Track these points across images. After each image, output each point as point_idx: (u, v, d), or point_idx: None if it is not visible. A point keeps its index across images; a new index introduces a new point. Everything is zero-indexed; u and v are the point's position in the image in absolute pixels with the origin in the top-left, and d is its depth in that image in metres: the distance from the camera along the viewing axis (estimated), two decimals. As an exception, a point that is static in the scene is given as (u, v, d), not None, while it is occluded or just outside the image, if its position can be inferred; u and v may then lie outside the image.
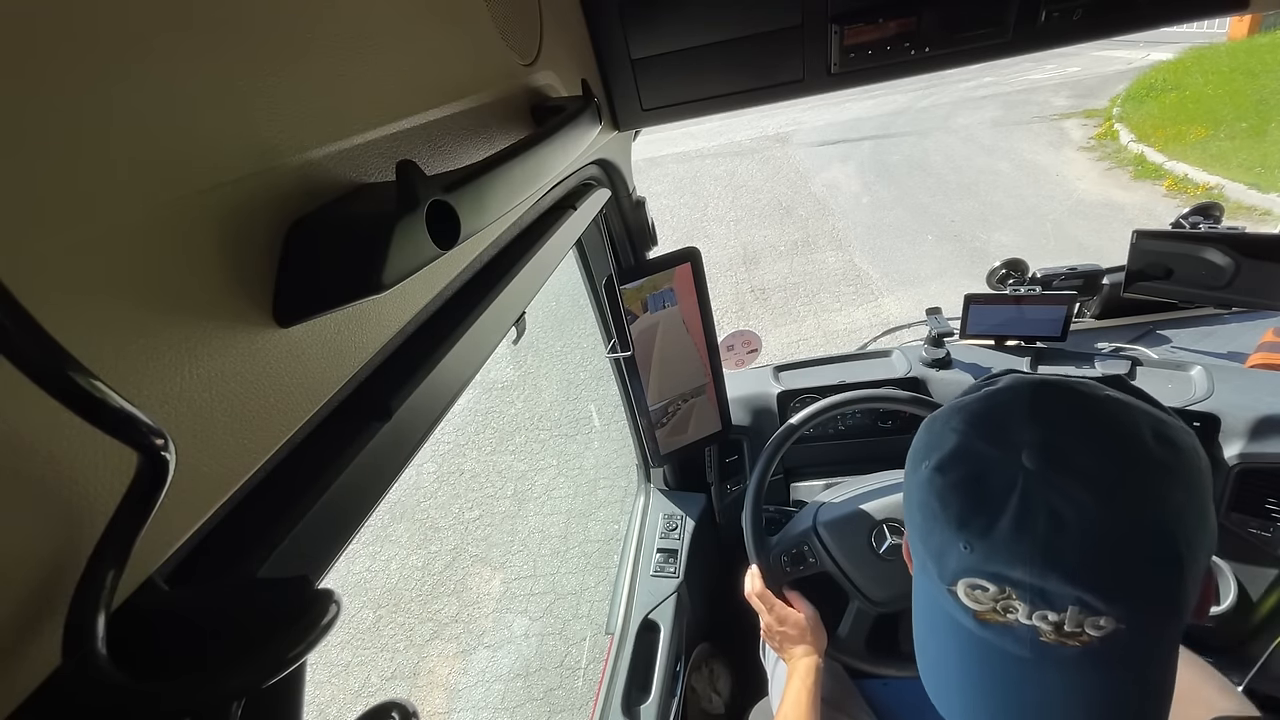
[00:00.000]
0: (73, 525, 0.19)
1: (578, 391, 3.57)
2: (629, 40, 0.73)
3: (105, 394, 0.17)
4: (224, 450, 0.24)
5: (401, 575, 2.68)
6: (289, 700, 0.25)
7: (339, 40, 0.31)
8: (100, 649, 0.18)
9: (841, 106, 9.13)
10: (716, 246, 5.25)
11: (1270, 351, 1.33)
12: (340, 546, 0.31)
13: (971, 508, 0.39)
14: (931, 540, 0.41)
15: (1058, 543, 0.36)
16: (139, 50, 0.21)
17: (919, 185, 5.92)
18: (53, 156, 0.18)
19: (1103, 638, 0.36)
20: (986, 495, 0.38)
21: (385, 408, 0.34)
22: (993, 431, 0.40)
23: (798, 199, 6.06)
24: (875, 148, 7.16)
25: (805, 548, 0.97)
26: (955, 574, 0.39)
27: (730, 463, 1.39)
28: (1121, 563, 0.35)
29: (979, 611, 0.39)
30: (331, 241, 0.27)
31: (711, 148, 8.36)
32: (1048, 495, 0.37)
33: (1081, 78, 8.77)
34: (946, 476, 0.41)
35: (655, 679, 1.08)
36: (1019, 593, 0.37)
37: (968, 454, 0.41)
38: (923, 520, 0.42)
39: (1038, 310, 1.34)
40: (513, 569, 2.69)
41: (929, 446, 0.44)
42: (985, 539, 0.37)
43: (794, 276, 4.61)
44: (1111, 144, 6.32)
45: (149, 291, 0.21)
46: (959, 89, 9.04)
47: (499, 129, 0.46)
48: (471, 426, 3.37)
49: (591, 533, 2.77)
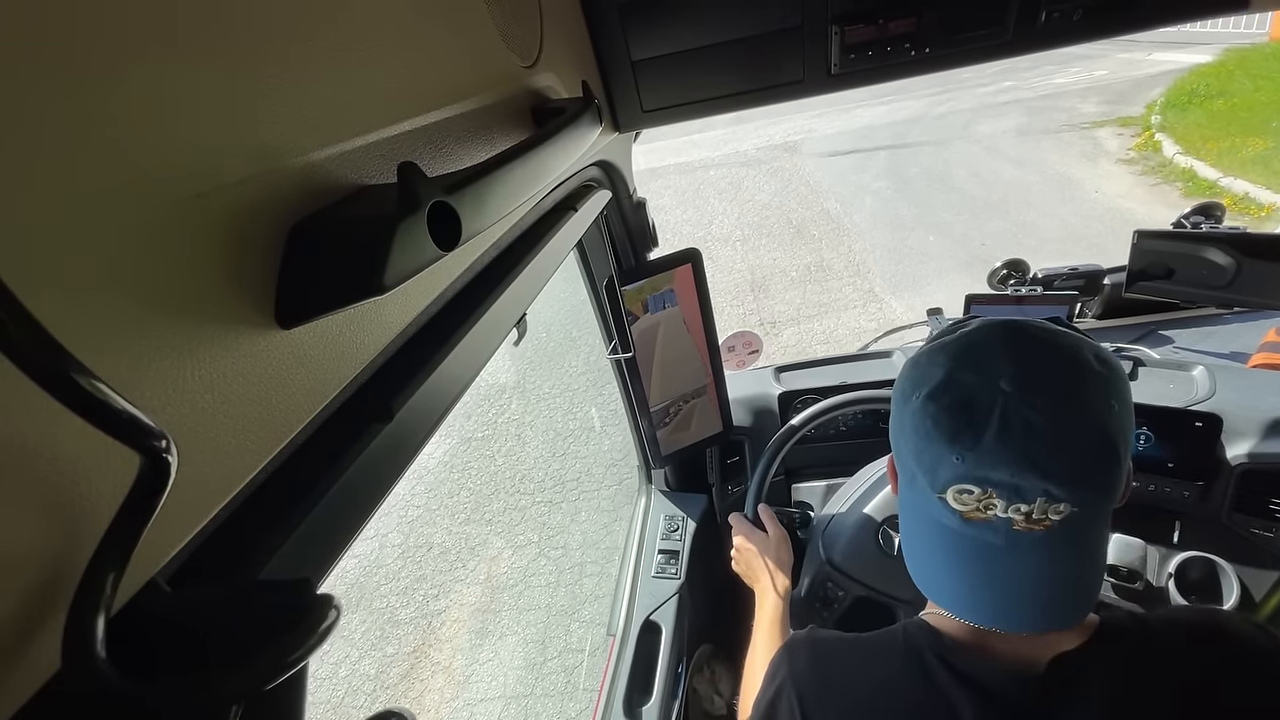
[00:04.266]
0: (74, 527, 0.19)
1: (565, 445, 3.08)
2: (629, 42, 0.73)
3: (107, 395, 0.16)
4: (226, 452, 0.24)
5: (350, 688, 2.17)
6: (289, 704, 0.25)
7: (340, 42, 0.31)
8: (100, 652, 0.17)
9: (852, 113, 8.38)
10: (722, 271, 4.73)
11: (1272, 351, 1.33)
12: (342, 548, 0.31)
13: (962, 426, 0.47)
14: (925, 457, 0.49)
15: (1032, 446, 0.44)
16: (141, 52, 0.21)
17: (942, 201, 5.37)
18: (56, 157, 0.18)
19: (1060, 521, 0.45)
20: (973, 415, 0.46)
21: (387, 409, 0.34)
22: (974, 363, 0.49)
23: (809, 216, 5.53)
24: (892, 159, 6.57)
25: (829, 585, 0.97)
26: (946, 482, 0.47)
27: (732, 464, 1.38)
28: (1079, 456, 0.45)
29: (964, 512, 0.48)
30: (333, 243, 0.27)
31: (716, 157, 7.66)
32: (1022, 410, 0.45)
33: (1110, 82, 8.05)
34: (939, 402, 0.48)
35: (657, 681, 1.08)
36: (999, 491, 0.46)
37: (955, 383, 0.49)
38: (916, 442, 0.50)
39: (1039, 310, 1.34)
40: (479, 685, 2.17)
41: (917, 381, 0.51)
42: (974, 450, 0.46)
43: (808, 308, 4.16)
44: (1154, 156, 5.66)
45: (151, 293, 0.21)
46: (977, 94, 8.25)
47: (500, 131, 0.47)
48: (446, 486, 2.89)
49: (573, 638, 2.27)
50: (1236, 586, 1.02)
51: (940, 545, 0.51)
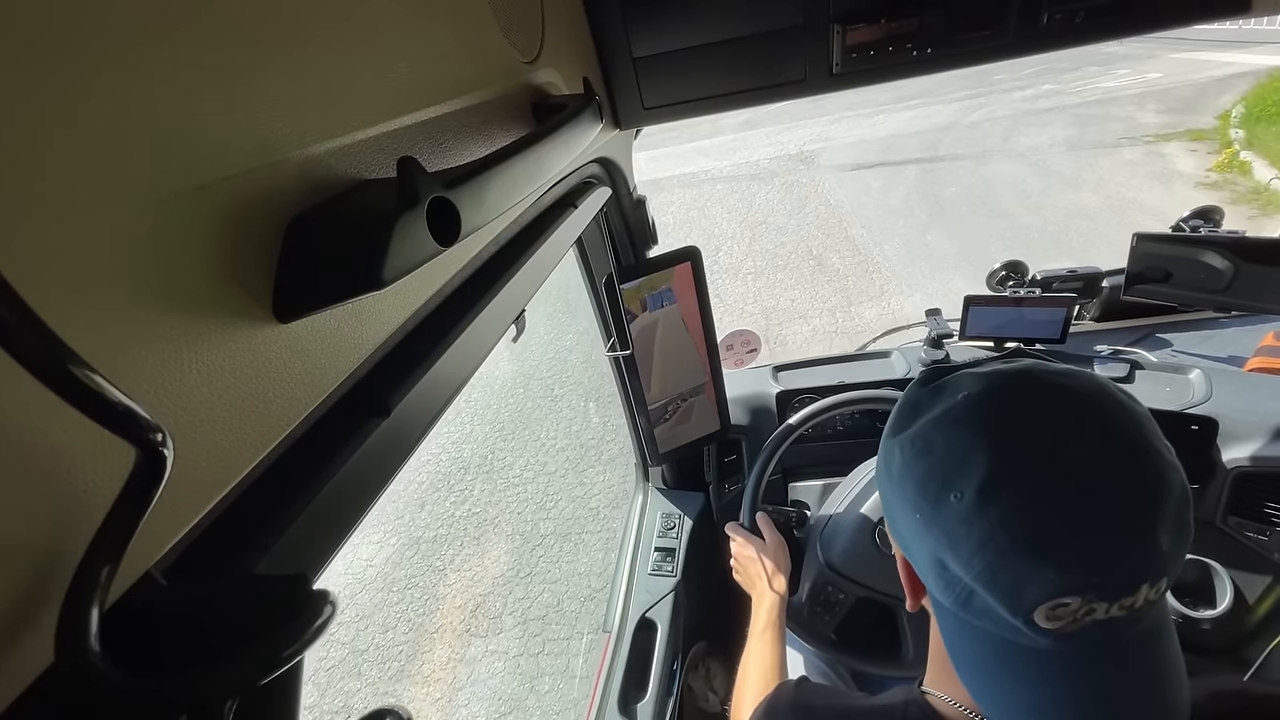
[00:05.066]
0: (69, 520, 0.19)
1: (534, 559, 2.37)
2: (631, 38, 0.73)
3: (104, 388, 0.16)
4: (222, 445, 0.24)
5: None
6: (285, 699, 0.25)
7: (341, 36, 0.30)
8: (94, 645, 0.17)
9: (874, 120, 7.46)
10: (731, 312, 4.03)
11: (1269, 355, 1.33)
12: (338, 543, 0.31)
13: (1053, 529, 0.36)
14: (1001, 578, 0.37)
15: (1126, 517, 0.36)
16: (139, 44, 0.21)
17: (988, 230, 4.47)
18: (52, 150, 0.18)
19: (1150, 607, 0.37)
20: (1055, 508, 0.36)
21: (384, 404, 0.34)
22: (1021, 440, 0.38)
23: (831, 244, 4.72)
24: (923, 175, 5.68)
25: (830, 589, 0.97)
26: (1036, 601, 0.36)
27: (729, 462, 1.39)
28: (1176, 528, 0.36)
29: (1058, 629, 0.36)
30: (332, 237, 0.27)
31: (724, 169, 6.78)
32: (1097, 485, 0.36)
33: (1168, 86, 6.97)
34: (1003, 502, 0.37)
35: (652, 678, 1.08)
36: (1099, 592, 0.35)
37: (1016, 473, 0.37)
38: (980, 559, 0.37)
39: (1037, 312, 1.34)
40: None
41: (947, 472, 0.39)
42: (1075, 554, 0.35)
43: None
44: (1242, 179, 4.72)
45: (149, 286, 0.21)
46: (1013, 99, 7.23)
47: (500, 126, 0.46)
48: (380, 615, 2.31)
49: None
50: (1230, 590, 1.02)
51: (1022, 674, 0.39)
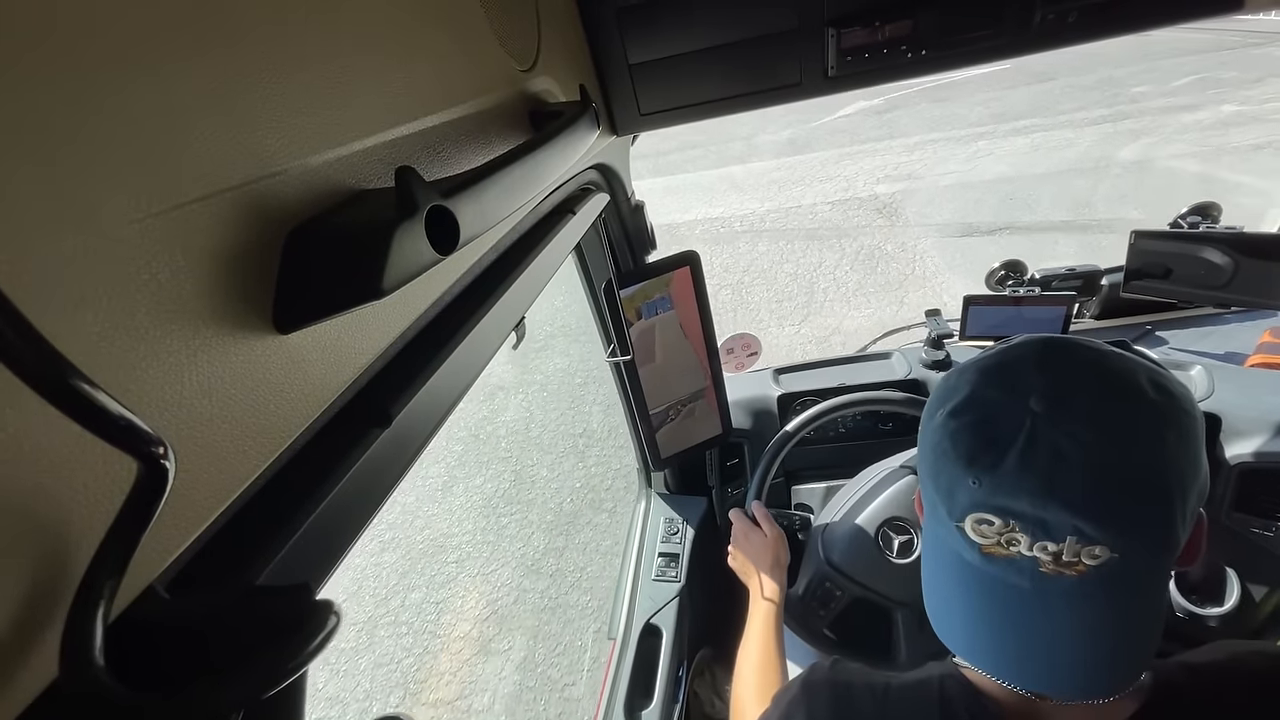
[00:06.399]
0: (71, 534, 0.19)
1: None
2: (626, 45, 0.74)
3: (105, 402, 0.16)
4: (224, 457, 0.24)
5: None
6: (289, 711, 0.25)
7: (337, 47, 0.31)
8: (98, 659, 0.17)
9: (971, 149, 4.97)
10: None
11: (1270, 351, 1.33)
12: (340, 554, 0.31)
13: (981, 446, 0.42)
14: (941, 479, 0.44)
15: (1058, 475, 0.39)
16: (137, 58, 0.21)
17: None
18: (52, 163, 0.18)
19: (1097, 567, 0.39)
20: (995, 435, 0.41)
21: (385, 414, 0.34)
22: (1003, 380, 0.44)
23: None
24: (1086, 251, 3.48)
25: (828, 584, 0.97)
26: (964, 509, 0.42)
27: (731, 466, 1.38)
28: (1116, 493, 0.38)
29: (984, 545, 0.42)
30: (331, 247, 0.27)
31: (767, 215, 4.51)
32: (1051, 434, 0.40)
33: None
34: (959, 420, 0.44)
35: (658, 684, 1.07)
36: (1021, 525, 0.40)
37: (979, 400, 0.44)
38: (934, 461, 0.45)
39: (1037, 311, 1.34)
40: None
41: (943, 397, 0.47)
42: (992, 474, 0.41)
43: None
44: None
45: (148, 299, 0.21)
46: (1183, 123, 4.71)
47: (497, 134, 0.47)
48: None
49: None
50: (1236, 587, 1.02)
51: (959, 583, 0.45)
